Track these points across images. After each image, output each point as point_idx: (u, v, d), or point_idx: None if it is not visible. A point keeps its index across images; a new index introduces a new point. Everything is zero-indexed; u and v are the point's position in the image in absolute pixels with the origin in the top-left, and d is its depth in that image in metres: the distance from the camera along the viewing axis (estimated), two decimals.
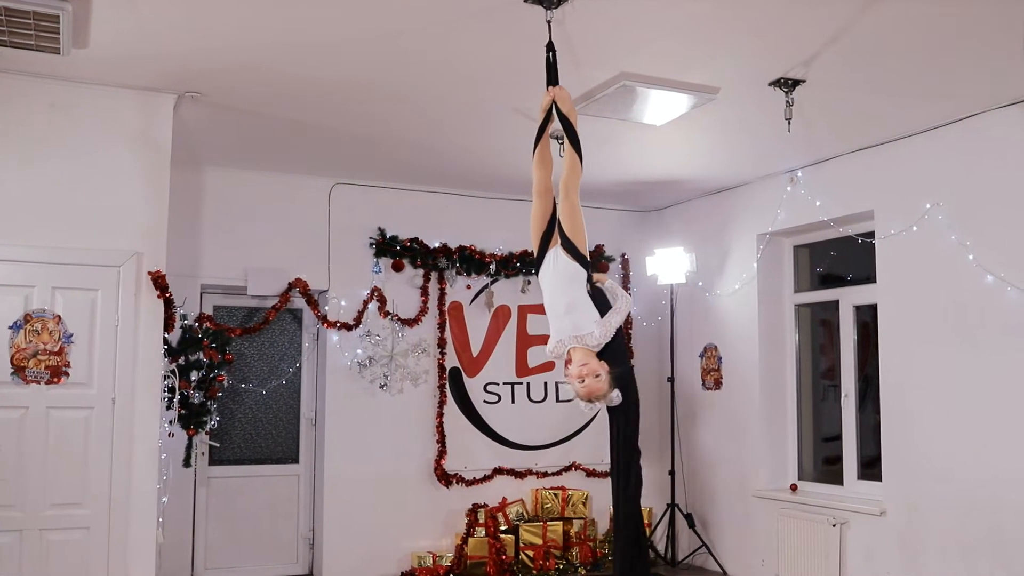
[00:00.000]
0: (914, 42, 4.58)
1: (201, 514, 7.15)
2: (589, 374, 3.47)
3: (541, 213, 3.82)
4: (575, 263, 3.64)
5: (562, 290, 3.64)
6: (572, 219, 3.67)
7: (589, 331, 3.52)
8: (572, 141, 3.80)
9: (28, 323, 4.99)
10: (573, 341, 3.54)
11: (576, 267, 3.63)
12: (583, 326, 3.54)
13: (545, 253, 3.75)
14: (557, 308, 3.64)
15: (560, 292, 3.65)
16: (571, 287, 3.63)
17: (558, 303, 3.64)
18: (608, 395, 3.51)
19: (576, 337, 3.53)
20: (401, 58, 4.84)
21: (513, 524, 7.65)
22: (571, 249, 3.65)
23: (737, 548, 7.58)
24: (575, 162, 3.76)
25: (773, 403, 7.47)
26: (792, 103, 5.20)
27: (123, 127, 5.34)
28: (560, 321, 3.61)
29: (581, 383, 3.48)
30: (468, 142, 6.46)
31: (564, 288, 3.64)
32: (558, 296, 3.65)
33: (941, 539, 5.85)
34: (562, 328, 3.59)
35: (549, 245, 3.75)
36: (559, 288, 3.66)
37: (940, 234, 5.89)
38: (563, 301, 3.62)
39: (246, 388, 7.41)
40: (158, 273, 5.28)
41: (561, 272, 3.66)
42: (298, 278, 7.26)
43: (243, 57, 4.85)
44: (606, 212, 8.51)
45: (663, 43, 4.66)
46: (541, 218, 3.82)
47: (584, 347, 3.52)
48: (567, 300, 3.61)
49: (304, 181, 7.40)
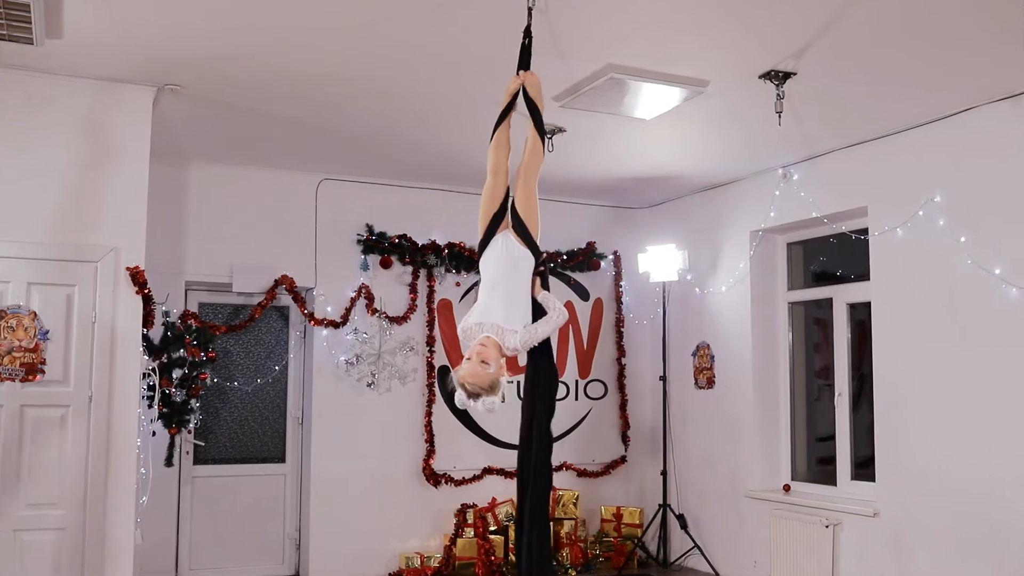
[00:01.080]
0: (907, 34, 4.49)
1: (185, 514, 7.06)
2: (480, 357, 3.27)
3: (492, 193, 3.64)
4: (525, 248, 3.52)
5: (503, 275, 3.49)
6: (527, 203, 3.56)
7: (512, 330, 3.36)
8: (537, 127, 3.69)
9: (3, 319, 4.89)
10: (492, 331, 3.36)
11: (525, 252, 3.52)
12: (510, 321, 3.38)
13: (492, 235, 3.58)
14: (494, 293, 3.46)
15: (501, 277, 3.49)
16: (514, 274, 3.49)
17: (496, 288, 3.47)
18: (485, 394, 3.29)
19: (498, 329, 3.36)
20: (386, 49, 4.74)
21: (503, 524, 7.56)
22: (523, 233, 3.53)
23: (729, 549, 7.49)
24: (537, 147, 3.65)
25: (766, 402, 7.38)
26: (783, 96, 5.10)
27: (100, 120, 5.23)
28: (490, 305, 3.43)
29: (467, 360, 3.30)
30: (456, 137, 6.36)
31: (506, 274, 3.50)
32: (498, 281, 3.49)
33: (935, 540, 5.76)
34: (488, 312, 3.41)
35: (499, 228, 3.59)
36: (502, 273, 3.50)
37: (936, 230, 5.80)
38: (502, 288, 3.47)
39: (232, 386, 7.32)
40: (136, 269, 5.18)
41: (509, 256, 3.52)
42: (284, 275, 7.17)
43: (224, 49, 4.75)
44: (597, 209, 8.42)
45: (650, 34, 4.56)
46: (493, 198, 3.63)
47: (496, 342, 3.34)
48: (506, 288, 3.47)
49: (291, 176, 7.31)
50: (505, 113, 3.75)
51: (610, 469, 8.26)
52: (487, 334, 3.36)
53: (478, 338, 3.36)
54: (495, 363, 3.31)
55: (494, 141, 3.73)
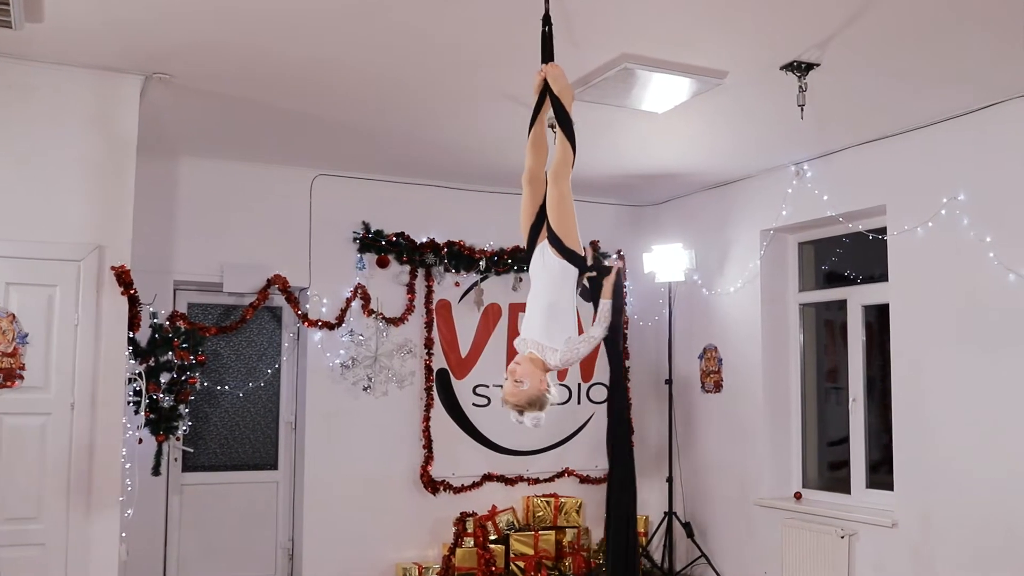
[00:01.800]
0: (937, 22, 4.24)
1: (174, 524, 6.78)
2: (513, 376, 3.20)
3: (529, 203, 3.52)
4: (562, 260, 3.29)
5: (546, 289, 3.32)
6: (559, 210, 3.32)
7: (553, 348, 3.23)
8: (563, 125, 3.44)
9: None
10: (535, 347, 3.24)
11: (563, 264, 3.29)
12: (551, 338, 3.24)
13: (535, 247, 3.44)
14: (536, 306, 3.32)
15: (544, 291, 3.32)
16: (556, 288, 3.30)
17: (540, 301, 3.32)
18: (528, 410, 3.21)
19: (539, 346, 3.24)
20: (390, 35, 4.46)
21: (503, 533, 7.33)
22: (557, 244, 3.30)
23: (738, 559, 7.25)
24: (566, 148, 3.41)
25: (776, 407, 7.14)
26: (805, 88, 4.86)
27: (85, 110, 4.95)
28: (532, 319, 3.31)
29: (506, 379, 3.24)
30: (458, 131, 6.10)
31: (549, 288, 3.31)
32: (542, 295, 3.33)
33: (957, 552, 5.53)
34: (530, 327, 3.30)
35: (539, 239, 3.43)
36: (544, 287, 3.33)
37: (958, 230, 5.57)
38: (545, 300, 3.30)
39: (222, 390, 7.04)
40: (122, 268, 4.90)
41: (547, 269, 3.33)
42: (277, 274, 6.90)
43: (215, 34, 4.46)
44: (602, 207, 8.18)
45: (669, 23, 4.31)
46: (530, 209, 3.50)
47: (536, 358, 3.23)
48: (549, 300, 3.29)
49: (284, 172, 7.03)
50: (536, 112, 3.53)
51: None
52: (530, 350, 3.23)
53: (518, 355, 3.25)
54: (530, 380, 3.18)
55: (529, 144, 3.54)
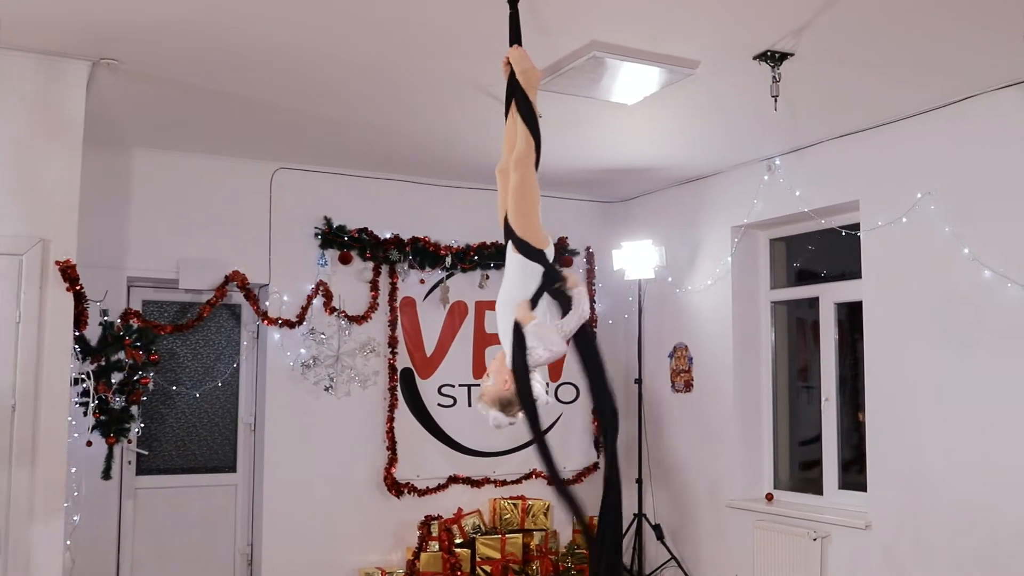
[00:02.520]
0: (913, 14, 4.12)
1: (127, 529, 6.52)
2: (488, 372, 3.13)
3: (502, 194, 3.33)
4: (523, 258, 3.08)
5: (508, 289, 3.11)
6: (516, 198, 3.12)
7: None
8: (521, 109, 3.25)
9: None
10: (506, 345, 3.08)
11: (526, 263, 3.08)
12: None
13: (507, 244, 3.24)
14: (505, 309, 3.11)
15: (508, 292, 3.11)
16: (524, 284, 3.08)
17: (507, 305, 3.09)
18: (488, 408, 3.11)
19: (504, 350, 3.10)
20: (351, 21, 4.24)
21: (469, 537, 7.14)
22: (513, 238, 3.10)
23: (709, 562, 7.12)
24: (525, 134, 3.20)
25: (747, 406, 7.02)
26: (779, 79, 4.72)
27: (27, 97, 4.70)
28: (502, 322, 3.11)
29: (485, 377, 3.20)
30: (425, 123, 5.90)
31: (511, 288, 3.10)
32: (507, 296, 3.11)
33: (932, 554, 5.43)
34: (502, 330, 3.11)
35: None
36: (507, 288, 3.12)
37: (932, 226, 5.47)
38: (511, 304, 3.07)
39: (178, 391, 6.80)
40: (67, 263, 4.66)
41: (511, 267, 3.12)
42: (236, 271, 6.66)
43: (167, 17, 4.22)
44: (571, 202, 8.01)
45: (640, 9, 4.14)
46: (501, 204, 3.32)
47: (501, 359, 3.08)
48: (513, 303, 3.07)
49: (243, 165, 6.80)
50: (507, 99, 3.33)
51: (582, 477, 7.85)
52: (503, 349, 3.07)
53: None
54: (496, 376, 3.04)
55: (504, 134, 3.35)
